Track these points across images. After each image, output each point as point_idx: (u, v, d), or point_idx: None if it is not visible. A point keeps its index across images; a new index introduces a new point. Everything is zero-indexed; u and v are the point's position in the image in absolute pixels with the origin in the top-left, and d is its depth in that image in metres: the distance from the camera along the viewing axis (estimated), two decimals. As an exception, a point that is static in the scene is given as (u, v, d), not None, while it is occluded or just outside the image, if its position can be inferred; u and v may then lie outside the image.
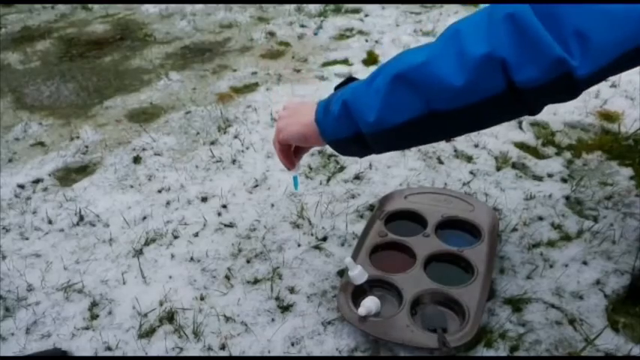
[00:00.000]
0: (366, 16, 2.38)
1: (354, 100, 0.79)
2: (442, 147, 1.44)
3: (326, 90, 1.75)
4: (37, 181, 1.47)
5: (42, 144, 1.66)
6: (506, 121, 0.80)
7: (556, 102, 0.74)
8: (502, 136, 1.46)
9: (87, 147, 1.61)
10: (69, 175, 1.51)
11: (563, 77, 0.65)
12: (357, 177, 1.35)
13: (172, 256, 1.18)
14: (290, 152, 0.96)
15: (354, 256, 1.05)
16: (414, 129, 0.76)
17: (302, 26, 2.32)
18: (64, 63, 2.22)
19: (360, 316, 0.93)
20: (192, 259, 1.16)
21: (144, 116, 1.76)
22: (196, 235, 1.23)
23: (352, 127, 0.80)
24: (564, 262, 1.07)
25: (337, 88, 0.89)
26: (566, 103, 1.59)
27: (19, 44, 2.45)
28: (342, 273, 1.08)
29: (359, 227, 1.18)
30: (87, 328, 1.03)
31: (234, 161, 1.46)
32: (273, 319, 1.01)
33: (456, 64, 0.69)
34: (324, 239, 1.18)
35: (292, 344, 0.96)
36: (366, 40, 2.12)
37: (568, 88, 0.67)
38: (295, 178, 1.06)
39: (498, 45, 0.66)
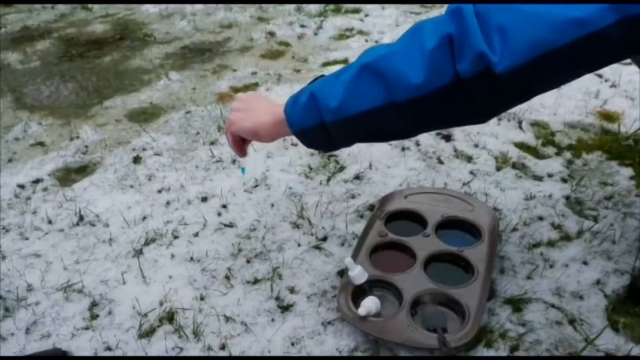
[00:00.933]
0: (366, 16, 2.38)
1: (320, 90, 0.83)
2: (442, 147, 1.44)
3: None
4: (37, 181, 1.47)
5: (42, 144, 1.66)
6: (459, 123, 0.86)
7: (499, 106, 0.78)
8: (502, 136, 1.46)
9: (87, 147, 1.61)
10: (69, 175, 1.50)
11: (485, 71, 0.69)
12: (357, 177, 1.35)
13: (172, 256, 1.17)
14: (240, 142, 1.00)
15: (354, 256, 1.05)
16: (375, 118, 0.79)
17: (302, 26, 2.32)
18: (63, 63, 2.22)
19: (360, 316, 0.93)
20: (192, 259, 1.16)
21: (144, 116, 1.76)
22: (196, 235, 1.23)
23: (317, 116, 0.83)
24: (564, 262, 1.07)
25: (310, 84, 0.92)
26: (566, 102, 1.59)
27: (18, 44, 2.45)
28: (342, 273, 1.08)
29: (359, 227, 1.18)
30: (87, 328, 1.03)
31: (234, 161, 1.46)
32: (273, 319, 1.01)
33: (416, 56, 0.74)
34: (324, 239, 1.18)
35: (292, 344, 0.96)
36: (366, 40, 2.12)
37: (491, 83, 0.70)
38: (243, 170, 1.22)
39: (446, 36, 0.72)
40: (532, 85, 0.74)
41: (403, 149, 1.44)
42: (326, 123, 0.82)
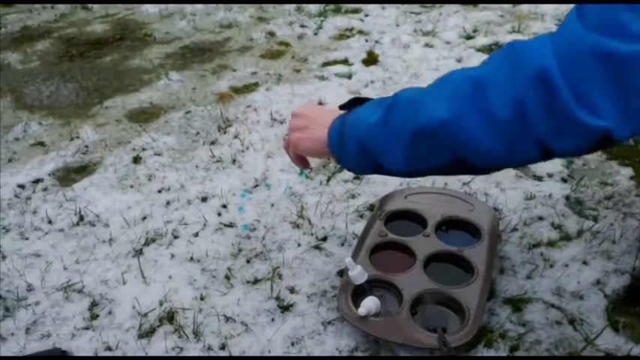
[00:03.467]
0: (366, 16, 2.38)
1: (371, 143, 0.76)
2: (442, 147, 1.44)
3: (326, 90, 1.76)
4: (37, 181, 1.47)
5: (42, 144, 1.66)
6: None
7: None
8: (502, 136, 1.46)
9: (87, 147, 1.61)
10: (69, 175, 1.51)
11: (602, 139, 0.59)
12: (357, 177, 1.35)
13: (172, 256, 1.17)
14: (303, 158, 0.97)
15: (354, 256, 1.05)
16: (445, 170, 0.74)
17: (302, 26, 2.32)
18: (63, 63, 2.22)
19: (360, 316, 0.93)
20: (192, 259, 1.16)
21: (144, 116, 1.76)
22: (196, 235, 1.23)
23: (373, 162, 0.78)
24: (564, 262, 1.07)
25: (342, 107, 0.87)
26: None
27: (18, 44, 2.45)
28: (342, 273, 1.08)
29: (359, 227, 1.18)
30: (87, 328, 1.03)
31: (234, 161, 1.46)
32: (273, 319, 1.01)
33: (485, 126, 0.63)
34: (324, 239, 1.18)
35: (292, 344, 0.96)
36: (366, 40, 2.12)
37: (607, 145, 0.61)
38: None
39: (530, 114, 0.59)
40: None
41: (403, 149, 1.44)
42: (384, 168, 0.78)
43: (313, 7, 2.49)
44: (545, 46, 0.58)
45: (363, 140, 0.77)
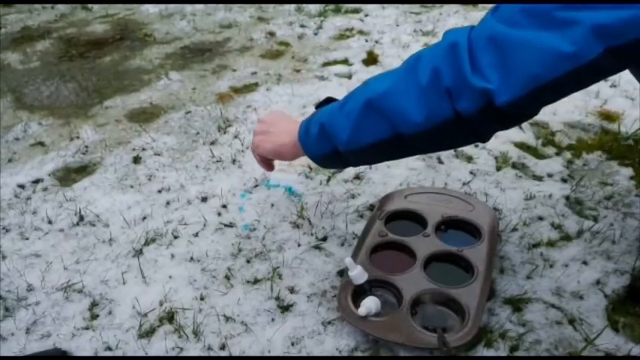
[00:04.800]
0: (366, 16, 2.38)
1: (329, 122, 0.88)
2: (442, 147, 1.44)
3: (326, 90, 1.76)
4: (37, 181, 1.47)
5: (42, 144, 1.66)
6: (464, 145, 0.90)
7: (500, 129, 0.80)
8: (502, 136, 1.46)
9: (87, 147, 1.61)
10: (69, 175, 1.51)
11: (486, 106, 0.72)
12: (357, 177, 1.35)
13: (172, 256, 1.17)
14: (267, 160, 1.09)
15: (354, 256, 1.05)
16: (384, 147, 0.84)
17: (302, 26, 2.32)
18: (63, 63, 2.22)
19: (360, 316, 0.93)
20: (192, 259, 1.16)
21: (144, 116, 1.76)
22: (196, 235, 1.23)
23: (329, 145, 0.89)
24: (564, 262, 1.07)
25: (318, 107, 0.97)
26: (566, 102, 1.59)
27: (18, 44, 2.45)
28: (342, 273, 1.08)
29: (359, 227, 1.18)
30: (87, 328, 1.03)
31: (234, 161, 1.46)
32: (273, 319, 1.01)
33: (414, 92, 0.78)
34: (324, 239, 1.18)
35: (292, 344, 0.96)
36: (366, 40, 2.12)
37: (492, 115, 0.74)
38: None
39: (443, 74, 0.75)
40: (530, 110, 0.77)
41: (403, 149, 1.44)
42: (339, 151, 0.88)
43: (313, 7, 2.49)
44: (465, 30, 0.75)
45: (323, 122, 0.89)
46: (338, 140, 0.87)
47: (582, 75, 0.69)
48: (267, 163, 1.10)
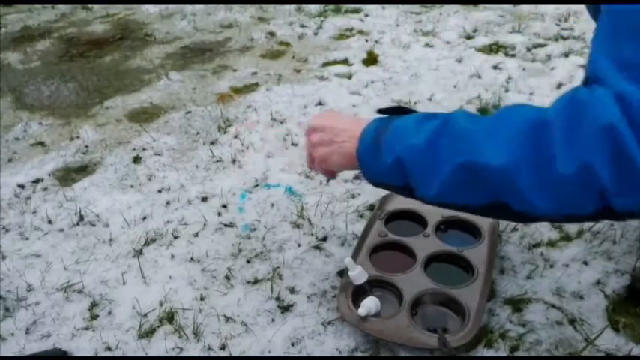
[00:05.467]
0: (366, 16, 2.38)
1: (411, 163, 0.71)
2: (442, 147, 1.44)
3: (326, 90, 1.76)
4: (37, 181, 1.47)
5: (42, 144, 1.66)
6: None
7: None
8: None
9: (87, 147, 1.61)
10: (69, 175, 1.51)
11: None
12: (357, 177, 1.35)
13: (172, 256, 1.17)
14: (332, 171, 0.92)
15: (354, 256, 1.05)
16: (473, 210, 0.70)
17: (302, 26, 2.32)
18: (64, 63, 2.22)
19: (360, 316, 0.93)
20: (192, 259, 1.16)
21: (144, 116, 1.76)
22: (196, 235, 1.23)
23: (404, 182, 0.73)
24: (564, 262, 1.07)
25: (382, 112, 0.82)
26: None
27: (19, 44, 2.45)
28: (342, 273, 1.08)
29: (359, 227, 1.18)
30: (87, 328, 1.03)
31: (234, 161, 1.46)
32: (273, 319, 1.01)
33: (544, 181, 0.60)
34: (324, 239, 1.18)
35: (292, 344, 0.96)
36: (366, 40, 2.12)
37: None
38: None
39: (599, 174, 0.57)
40: None
41: (403, 149, 1.44)
42: (415, 194, 0.74)
43: (313, 7, 2.49)
44: (607, 100, 0.57)
45: (402, 157, 0.72)
46: (419, 188, 0.72)
47: None
48: (332, 173, 0.93)
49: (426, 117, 0.73)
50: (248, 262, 1.14)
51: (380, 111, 0.82)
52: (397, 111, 0.80)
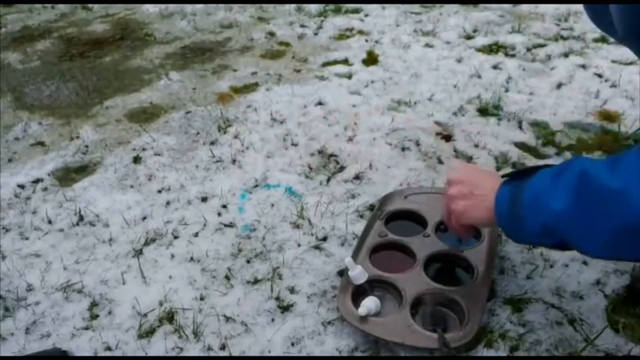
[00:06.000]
0: (366, 16, 2.38)
1: (562, 229, 0.71)
2: (442, 147, 1.44)
3: (326, 90, 1.76)
4: (37, 181, 1.47)
5: (42, 144, 1.66)
6: None
7: None
8: (502, 136, 1.46)
9: (87, 147, 1.61)
10: (69, 175, 1.50)
11: None
12: (357, 177, 1.35)
13: (172, 256, 1.17)
14: (471, 227, 0.93)
15: (354, 256, 1.05)
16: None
17: (302, 26, 2.32)
18: (63, 63, 2.22)
19: (360, 316, 0.93)
20: (192, 259, 1.16)
21: (144, 116, 1.76)
22: (196, 235, 1.23)
23: (557, 240, 0.74)
24: (564, 262, 1.07)
25: (508, 175, 0.83)
26: (566, 102, 1.59)
27: (19, 44, 2.45)
28: (342, 273, 1.08)
29: (359, 227, 1.18)
30: (87, 328, 1.03)
31: (234, 161, 1.46)
32: (273, 319, 1.01)
33: None
34: (324, 239, 1.18)
35: (292, 344, 0.96)
36: (366, 40, 2.12)
37: None
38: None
39: None
40: None
41: (403, 149, 1.44)
42: (573, 248, 0.74)
43: (313, 7, 2.49)
44: None
45: (548, 224, 0.72)
46: (577, 247, 0.72)
47: None
48: (468, 229, 0.93)
49: (557, 172, 0.73)
50: (248, 262, 1.14)
51: (503, 175, 0.83)
52: (520, 173, 0.80)
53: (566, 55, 1.87)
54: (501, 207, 0.79)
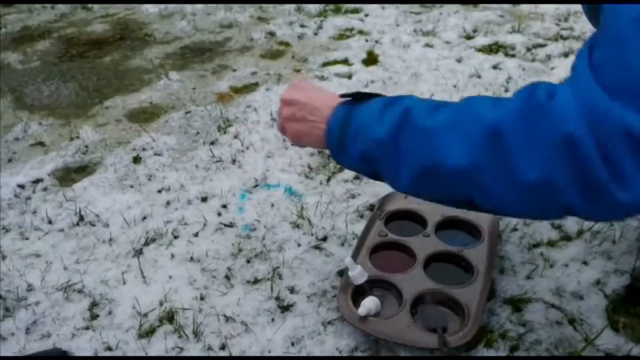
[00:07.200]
0: (366, 16, 2.38)
1: (376, 157, 0.72)
2: (442, 147, 1.44)
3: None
4: (37, 181, 1.47)
5: (42, 144, 1.66)
6: None
7: None
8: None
9: (87, 147, 1.61)
10: (69, 175, 1.50)
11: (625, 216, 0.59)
12: (357, 177, 1.35)
13: (172, 256, 1.17)
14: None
15: (354, 256, 1.05)
16: (443, 202, 0.71)
17: (302, 26, 2.32)
18: (63, 63, 2.22)
19: (360, 316, 0.93)
20: (192, 259, 1.16)
21: (144, 116, 1.76)
22: (196, 235, 1.23)
23: (372, 171, 0.75)
24: (564, 262, 1.07)
25: (344, 96, 0.81)
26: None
27: (19, 44, 2.45)
28: (342, 273, 1.08)
29: (359, 227, 1.18)
30: (87, 328, 1.03)
31: (234, 161, 1.46)
32: (273, 319, 1.01)
33: (506, 183, 0.59)
34: (324, 239, 1.18)
35: (292, 344, 0.96)
36: (366, 40, 2.12)
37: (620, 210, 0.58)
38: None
39: (563, 190, 0.56)
40: None
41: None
42: (383, 179, 0.75)
43: (313, 7, 2.49)
44: (570, 109, 0.54)
45: (367, 152, 0.73)
46: (387, 179, 0.74)
47: None
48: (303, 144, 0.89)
49: (386, 104, 0.73)
50: (248, 262, 1.14)
51: (342, 96, 0.81)
52: (359, 96, 0.79)
53: (566, 55, 1.87)
54: (334, 128, 0.78)
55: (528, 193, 0.58)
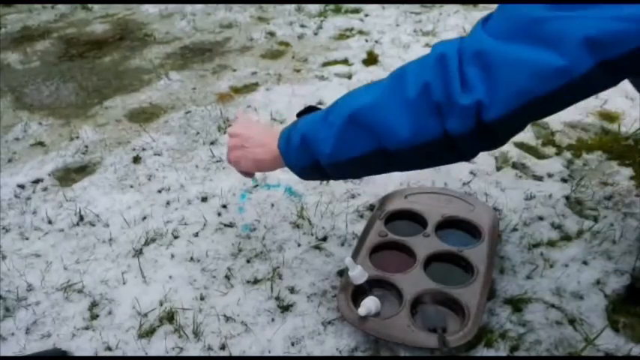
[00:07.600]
0: (366, 16, 2.38)
1: (311, 133, 0.85)
2: (442, 147, 1.44)
3: (326, 90, 1.76)
4: (36, 181, 1.47)
5: (42, 144, 1.66)
6: (446, 164, 0.88)
7: (487, 148, 0.78)
8: (502, 136, 1.46)
9: (87, 147, 1.61)
10: (69, 175, 1.50)
11: (475, 125, 0.70)
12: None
13: (172, 256, 1.17)
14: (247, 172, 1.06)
15: (354, 256, 1.05)
16: (366, 162, 0.81)
17: (302, 26, 2.32)
18: (63, 63, 2.22)
19: (360, 316, 0.93)
20: (192, 259, 1.16)
21: (144, 116, 1.76)
22: (196, 235, 1.23)
23: (311, 158, 0.85)
24: (564, 262, 1.07)
25: (299, 115, 0.93)
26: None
27: (18, 44, 2.45)
28: (342, 273, 1.08)
29: (359, 227, 1.18)
30: (87, 328, 1.03)
31: (234, 161, 1.46)
32: (273, 319, 1.01)
33: (400, 106, 0.75)
34: (324, 239, 1.18)
35: (292, 344, 0.96)
36: (366, 40, 2.12)
37: (480, 134, 0.71)
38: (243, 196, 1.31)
39: (433, 89, 0.71)
40: (520, 125, 0.75)
41: (403, 149, 1.44)
42: (320, 164, 0.85)
43: (313, 7, 2.49)
44: (454, 42, 0.73)
45: (305, 133, 0.85)
46: (319, 153, 0.83)
47: (575, 89, 0.66)
48: (248, 174, 1.07)
49: (328, 107, 0.87)
50: (248, 262, 1.14)
51: (298, 114, 0.94)
52: (312, 109, 0.93)
53: (566, 55, 1.86)
54: (285, 132, 0.91)
55: (414, 106, 0.73)
